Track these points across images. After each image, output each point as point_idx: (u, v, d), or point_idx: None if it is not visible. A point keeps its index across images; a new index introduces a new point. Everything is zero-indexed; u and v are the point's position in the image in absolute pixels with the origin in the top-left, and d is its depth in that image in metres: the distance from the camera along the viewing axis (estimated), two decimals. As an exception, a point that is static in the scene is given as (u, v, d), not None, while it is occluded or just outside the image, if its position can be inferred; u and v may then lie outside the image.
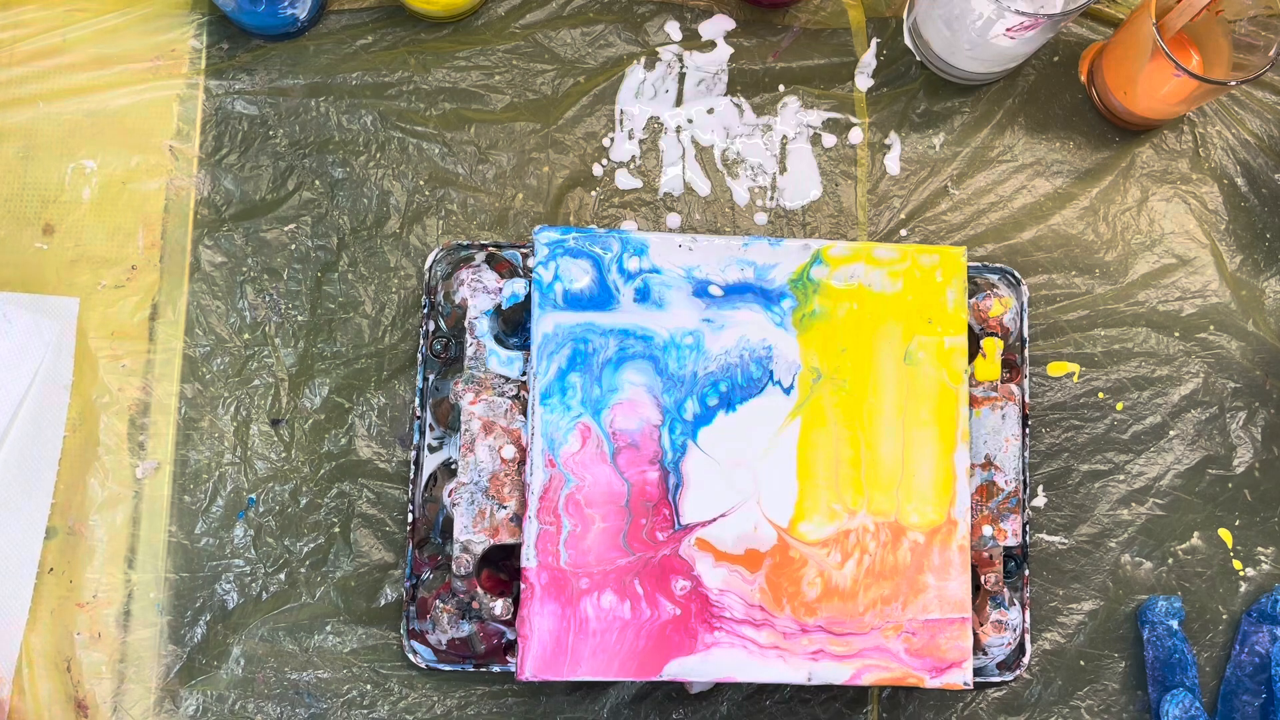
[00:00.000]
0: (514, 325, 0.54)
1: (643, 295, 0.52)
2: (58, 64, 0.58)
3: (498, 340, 0.53)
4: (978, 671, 0.54)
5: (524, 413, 0.52)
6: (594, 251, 0.52)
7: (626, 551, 0.50)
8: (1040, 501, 0.58)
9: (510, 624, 0.52)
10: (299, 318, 0.57)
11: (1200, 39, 0.59)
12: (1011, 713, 0.56)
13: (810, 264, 0.53)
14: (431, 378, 0.56)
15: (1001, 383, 0.55)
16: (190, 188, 0.58)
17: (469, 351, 0.53)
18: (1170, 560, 0.58)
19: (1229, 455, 0.59)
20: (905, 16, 0.61)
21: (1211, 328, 0.60)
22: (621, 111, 0.60)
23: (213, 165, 0.58)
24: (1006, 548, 0.54)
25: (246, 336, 0.57)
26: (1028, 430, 0.56)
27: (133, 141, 0.58)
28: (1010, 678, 0.55)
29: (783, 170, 0.60)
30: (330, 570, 0.56)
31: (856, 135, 0.60)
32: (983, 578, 0.53)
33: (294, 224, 0.58)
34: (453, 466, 0.55)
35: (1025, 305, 0.57)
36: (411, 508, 0.55)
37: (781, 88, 0.60)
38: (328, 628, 0.55)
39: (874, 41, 0.61)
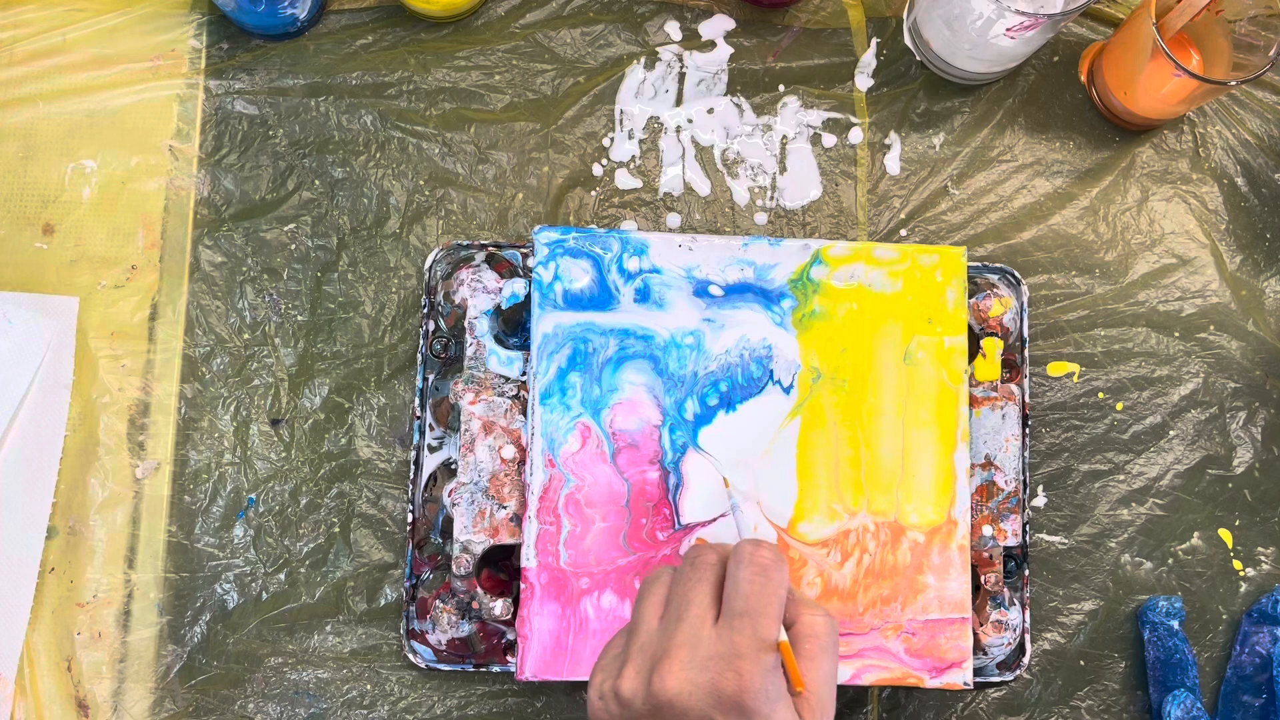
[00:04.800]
0: (514, 325, 0.54)
1: (643, 295, 0.52)
2: (58, 64, 0.58)
3: (498, 340, 0.53)
4: (978, 671, 0.54)
5: (524, 413, 0.52)
6: (594, 251, 0.52)
7: (627, 551, 0.50)
8: (1040, 501, 0.58)
9: (510, 624, 0.52)
10: (299, 318, 0.57)
11: (1200, 39, 0.59)
12: (1011, 713, 0.56)
13: (810, 264, 0.53)
14: (431, 378, 0.56)
15: (1001, 383, 0.55)
16: (190, 188, 0.58)
17: (469, 351, 0.53)
18: (1170, 560, 0.58)
19: (1229, 455, 0.59)
20: (905, 16, 0.61)
21: (1211, 328, 0.60)
22: (621, 111, 0.60)
23: (213, 165, 0.58)
24: (1006, 548, 0.54)
25: (246, 336, 0.57)
26: (1028, 430, 0.56)
27: (133, 141, 0.58)
28: (1010, 678, 0.55)
29: (783, 170, 0.60)
30: (330, 570, 0.56)
31: (856, 135, 0.60)
32: (983, 578, 0.53)
33: (294, 224, 0.58)
34: (453, 466, 0.55)
35: (1025, 305, 0.57)
36: (411, 508, 0.55)
37: (781, 88, 0.60)
38: (328, 628, 0.55)
39: (874, 41, 0.61)
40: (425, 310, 0.56)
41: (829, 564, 0.51)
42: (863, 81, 0.61)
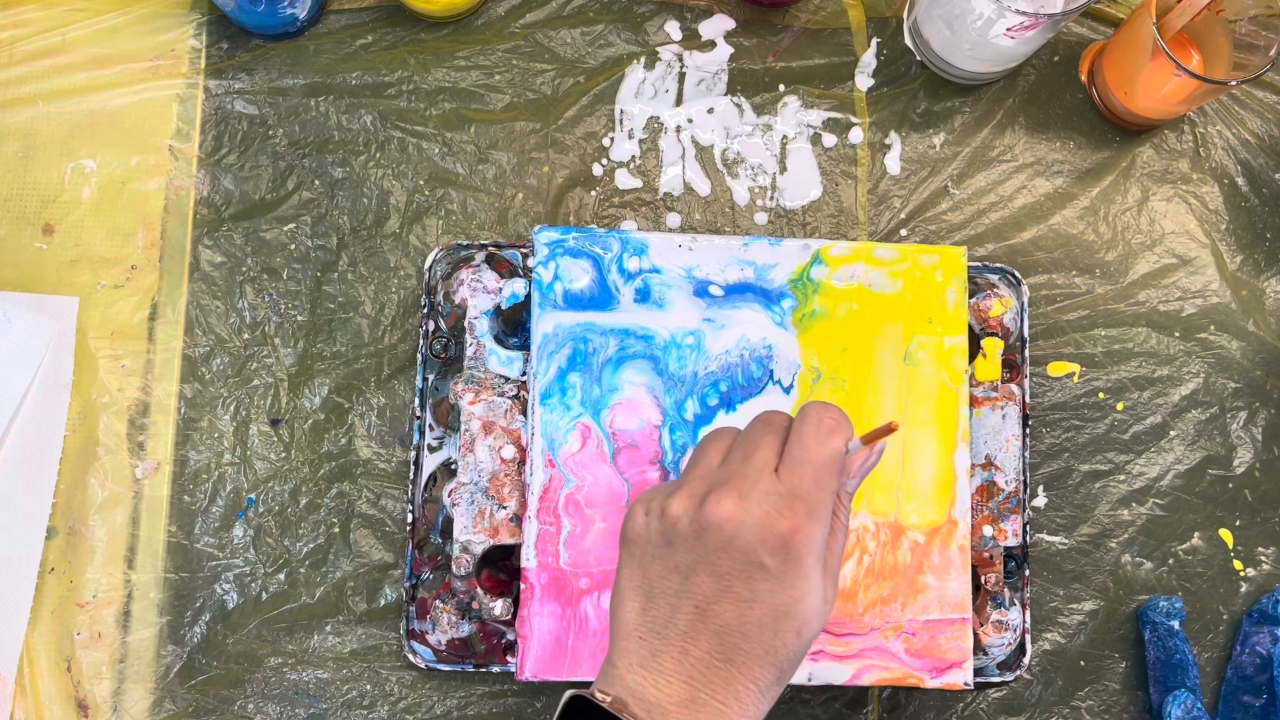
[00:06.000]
0: (514, 325, 0.54)
1: (643, 295, 0.52)
2: (58, 64, 0.58)
3: (498, 340, 0.53)
4: (978, 672, 0.54)
5: (524, 413, 0.52)
6: (594, 251, 0.52)
7: (626, 551, 0.50)
8: (1040, 501, 0.58)
9: (510, 624, 0.52)
10: (299, 318, 0.57)
11: (1200, 39, 0.59)
12: (1012, 713, 0.56)
13: (810, 264, 0.53)
14: (431, 378, 0.56)
15: (1002, 383, 0.55)
16: (190, 187, 0.58)
17: (469, 351, 0.53)
18: (1171, 560, 0.58)
19: (1229, 455, 0.59)
20: (905, 16, 0.61)
21: (1212, 328, 0.60)
22: (621, 111, 0.60)
23: (212, 165, 0.58)
24: (1007, 548, 0.54)
25: (246, 336, 0.57)
26: (1028, 430, 0.56)
27: (132, 141, 0.58)
28: (1010, 678, 0.55)
29: (783, 170, 0.60)
30: (330, 570, 0.56)
31: (857, 135, 0.60)
32: (983, 578, 0.53)
33: (294, 224, 0.58)
34: (453, 466, 0.55)
35: (1025, 305, 0.57)
36: (411, 508, 0.55)
37: (781, 87, 0.60)
38: (328, 628, 0.55)
39: (874, 41, 0.61)
40: (425, 310, 0.56)
41: (829, 564, 0.51)
42: (863, 81, 0.60)
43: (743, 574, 0.39)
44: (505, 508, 0.51)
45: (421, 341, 0.56)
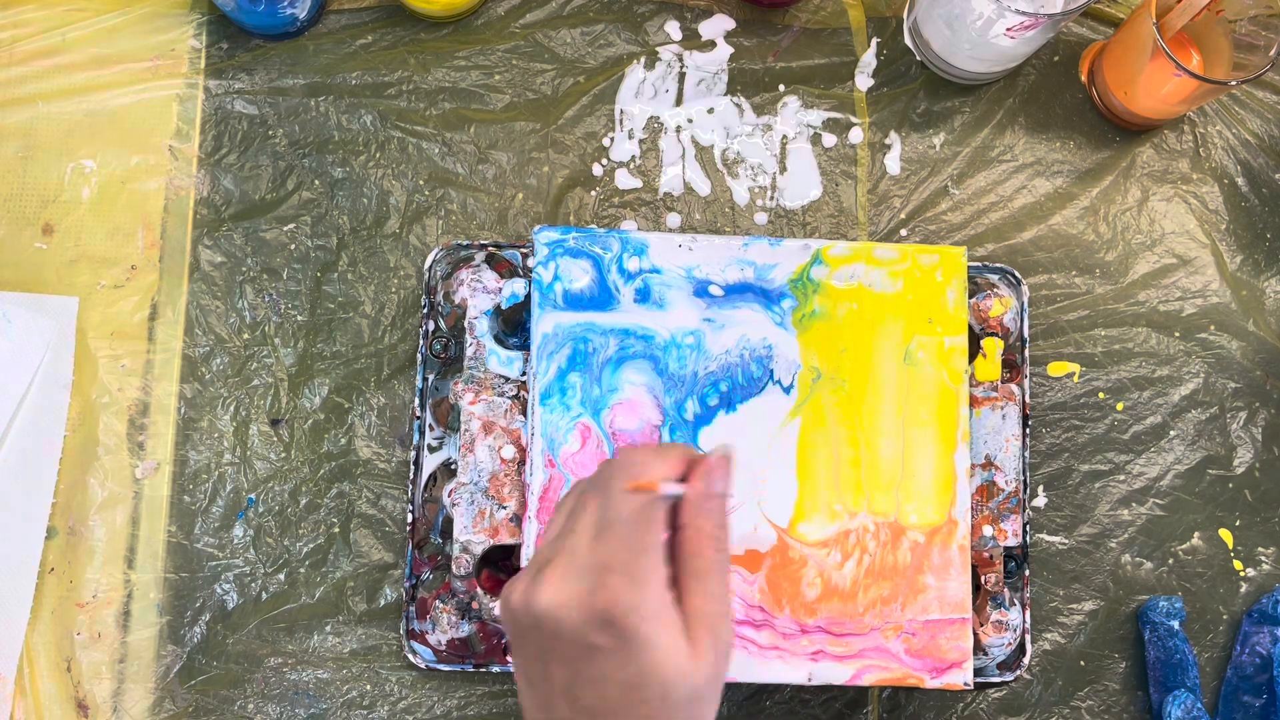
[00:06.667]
0: (514, 325, 0.54)
1: (643, 295, 0.52)
2: (57, 64, 0.58)
3: (497, 340, 0.53)
4: (978, 672, 0.54)
5: (524, 413, 0.52)
6: (594, 251, 0.52)
7: (626, 551, 0.50)
8: (1040, 501, 0.58)
9: (510, 624, 0.52)
10: (298, 318, 0.57)
11: (1200, 39, 0.59)
12: (1012, 713, 0.56)
13: (810, 264, 0.53)
14: (431, 378, 0.56)
15: (1002, 383, 0.55)
16: (190, 187, 0.58)
17: (469, 351, 0.53)
18: (1171, 560, 0.58)
19: (1229, 455, 0.59)
20: (905, 16, 0.61)
21: (1212, 328, 0.60)
22: (621, 111, 0.60)
23: (212, 165, 0.58)
24: (1007, 548, 0.54)
25: (246, 336, 0.57)
26: (1028, 430, 0.56)
27: (132, 141, 0.58)
28: (1010, 678, 0.55)
29: (783, 170, 0.60)
30: (330, 570, 0.56)
31: (856, 135, 0.60)
32: (983, 578, 0.53)
33: (293, 224, 0.58)
34: (453, 466, 0.55)
35: (1025, 305, 0.57)
36: (411, 508, 0.55)
37: (781, 87, 0.60)
38: (328, 628, 0.55)
39: (874, 41, 0.61)
40: (425, 310, 0.56)
41: (829, 564, 0.51)
42: (863, 81, 0.60)
43: (585, 657, 0.36)
44: (505, 508, 0.51)
45: (421, 341, 0.56)
